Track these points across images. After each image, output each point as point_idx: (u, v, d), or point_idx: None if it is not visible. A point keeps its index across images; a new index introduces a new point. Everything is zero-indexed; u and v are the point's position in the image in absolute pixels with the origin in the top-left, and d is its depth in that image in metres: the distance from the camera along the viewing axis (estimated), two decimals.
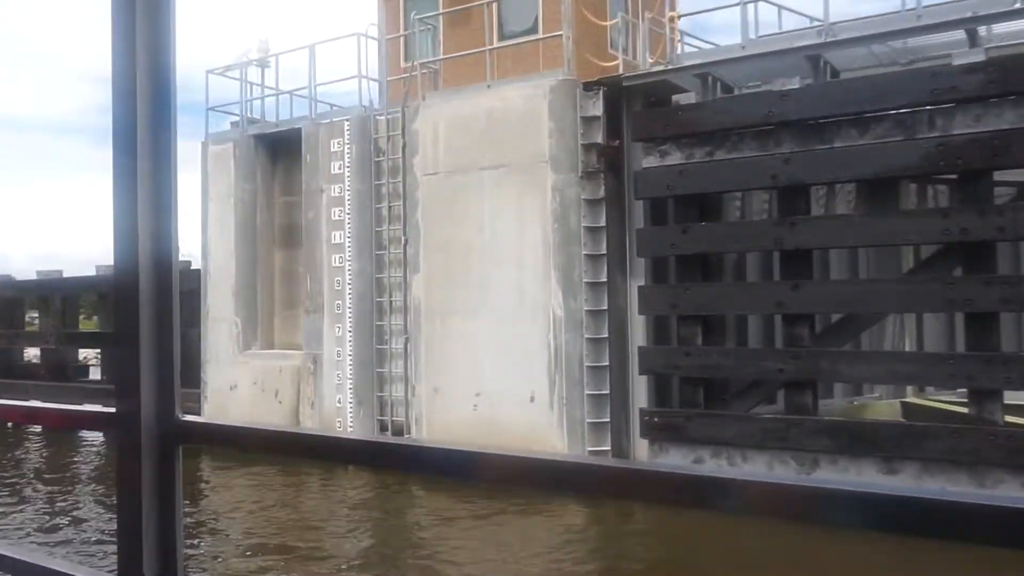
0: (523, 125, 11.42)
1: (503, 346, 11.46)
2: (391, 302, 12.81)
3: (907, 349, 13.60)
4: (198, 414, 15.27)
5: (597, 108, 11.19)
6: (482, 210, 11.71)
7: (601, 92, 11.16)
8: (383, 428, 12.88)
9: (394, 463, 1.39)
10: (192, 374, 16.05)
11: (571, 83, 11.28)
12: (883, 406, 12.62)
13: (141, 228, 1.41)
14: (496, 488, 9.55)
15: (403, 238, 12.63)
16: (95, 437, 16.49)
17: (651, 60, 11.61)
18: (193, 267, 15.88)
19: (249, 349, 14.48)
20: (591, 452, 10.93)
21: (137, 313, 1.41)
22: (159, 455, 1.42)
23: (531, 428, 11.17)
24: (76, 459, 15.14)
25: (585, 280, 11.10)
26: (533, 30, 13.55)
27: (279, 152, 14.94)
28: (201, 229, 15.12)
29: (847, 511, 0.86)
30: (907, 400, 12.65)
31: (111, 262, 1.47)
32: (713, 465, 9.96)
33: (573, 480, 1.07)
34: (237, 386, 14.43)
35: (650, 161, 10.57)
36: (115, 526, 1.46)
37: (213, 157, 14.92)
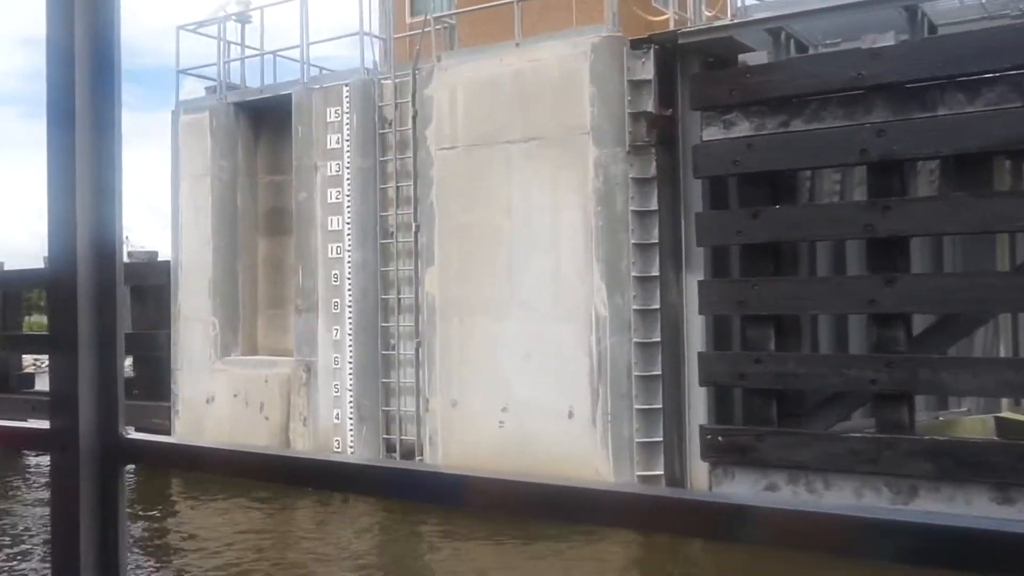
0: (559, 90, 11.13)
1: (536, 351, 11.18)
2: (399, 299, 12.51)
3: (1002, 355, 13.35)
4: (167, 432, 15.03)
5: (647, 70, 10.89)
6: (510, 190, 11.42)
7: (652, 51, 10.86)
8: (390, 449, 12.61)
9: (371, 487, 1.41)
10: (160, 384, 15.79)
11: (617, 40, 10.98)
12: (974, 422, 12.35)
13: (80, 215, 1.39)
14: (490, 515, 9.25)
15: (414, 224, 12.34)
16: (44, 458, 16.22)
17: (709, 15, 11.31)
18: (161, 258, 15.59)
19: (229, 355, 14.18)
20: (641, 477, 10.66)
21: (75, 314, 1.39)
22: (99, 477, 1.42)
23: (569, 449, 10.89)
24: (16, 483, 14.83)
25: (633, 274, 10.81)
26: None
27: (264, 123, 14.64)
28: (171, 213, 14.82)
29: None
30: (1003, 416, 12.38)
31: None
32: (789, 493, 9.68)
33: (580, 508, 1.06)
34: (215, 399, 14.13)
35: (712, 133, 10.27)
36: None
37: (185, 128, 14.61)
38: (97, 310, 1.42)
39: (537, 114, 11.26)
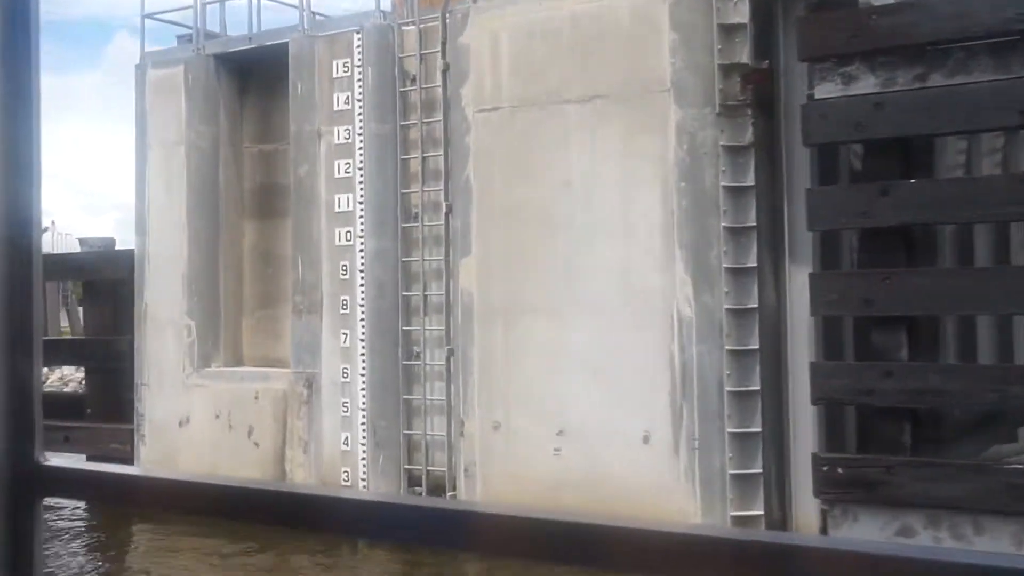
0: (631, 38, 10.83)
1: (601, 362, 10.87)
2: (426, 297, 12.19)
3: None
4: (127, 460, 14.71)
5: (741, 13, 10.56)
6: (568, 162, 11.11)
7: None
8: (413, 483, 12.30)
9: (351, 525, 1.41)
10: (120, 403, 15.47)
11: None
12: None
13: None
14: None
15: (445, 204, 12.01)
16: None
17: None
18: (122, 247, 15.27)
19: (208, 366, 13.86)
20: (735, 518, 10.33)
21: None
22: (10, 510, 1.43)
23: (645, 482, 10.58)
24: None
25: (725, 265, 10.48)
26: None
27: (251, 80, 14.33)
28: (136, 192, 14.51)
29: None
30: None
31: None
32: (928, 538, 9.35)
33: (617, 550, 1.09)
34: (190, 420, 13.81)
35: (826, 89, 9.94)
36: None
37: (154, 87, 14.28)
38: (8, 309, 1.42)
39: (602, 67, 10.95)
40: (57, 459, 1.47)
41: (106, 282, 15.62)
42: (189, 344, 13.87)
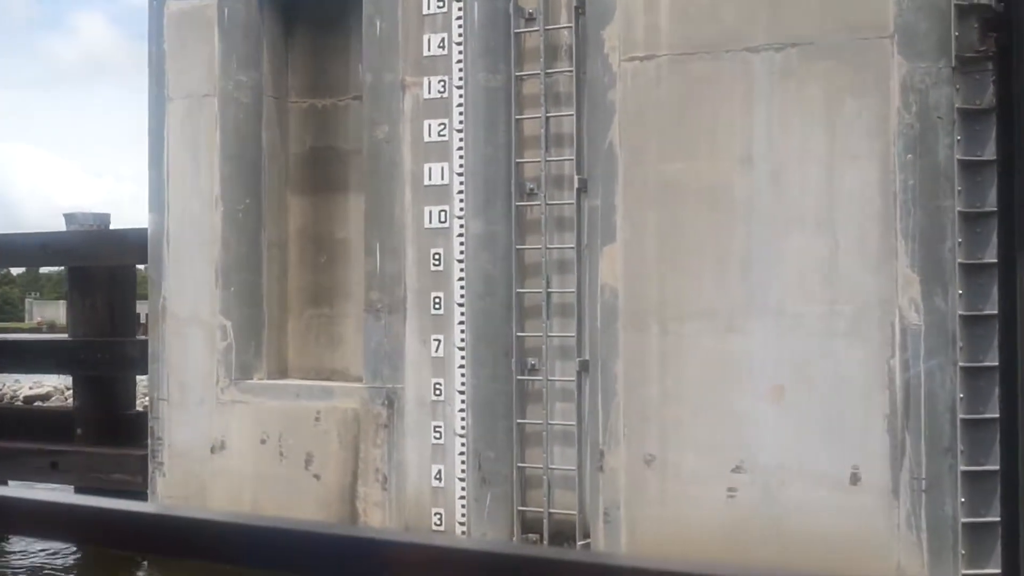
0: None
1: (794, 381, 10.16)
2: (548, 295, 11.35)
3: None
4: (137, 494, 13.74)
5: None
6: (750, 128, 10.32)
7: None
8: (529, 529, 11.49)
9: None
10: (123, 421, 14.51)
11: None
12: None
13: None
14: None
15: (576, 178, 11.15)
16: None
17: None
18: (131, 226, 14.24)
19: (249, 377, 12.88)
20: None
21: None
22: None
23: (852, 533, 9.92)
24: None
25: (960, 260, 9.74)
26: None
27: (299, 16, 13.33)
28: (149, 157, 13.47)
29: None
30: None
31: None
32: None
33: None
34: (225, 446, 12.84)
35: None
36: None
37: (176, 24, 13.25)
38: None
39: (801, 4, 10.13)
40: None
41: (101, 270, 14.54)
42: (224, 350, 12.87)
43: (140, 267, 15.78)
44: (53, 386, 32.81)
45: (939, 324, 9.78)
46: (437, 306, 11.79)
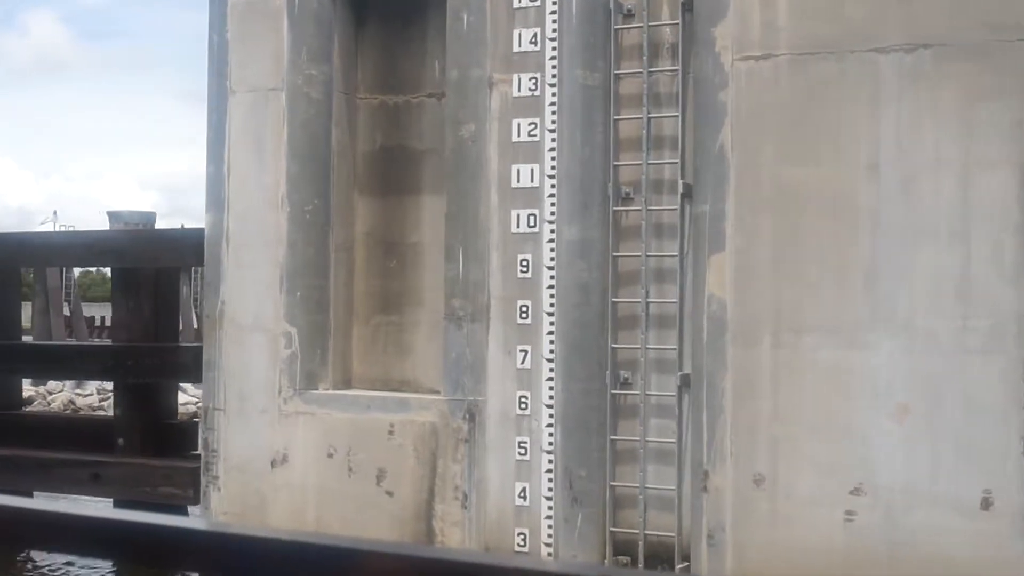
0: None
1: (918, 397, 9.63)
2: (647, 305, 10.72)
3: None
4: (182, 510, 12.98)
5: None
6: (876, 134, 9.79)
7: None
8: (621, 551, 10.85)
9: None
10: (166, 432, 13.77)
11: None
12: None
13: None
14: None
15: (681, 182, 10.56)
16: None
17: None
18: (186, 225, 13.48)
19: (315, 387, 12.18)
20: None
21: None
22: None
23: (983, 561, 9.41)
24: None
25: None
26: None
27: (369, 7, 12.65)
28: (207, 152, 12.74)
29: None
30: None
31: None
32: None
33: None
34: (287, 459, 12.11)
35: None
36: None
37: (240, 13, 12.54)
38: None
39: (933, 3, 9.61)
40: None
41: (149, 273, 13.75)
42: (288, 358, 12.15)
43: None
44: (35, 390, 31.74)
45: None
46: (524, 315, 11.15)
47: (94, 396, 27.81)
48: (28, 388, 24.78)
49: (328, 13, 12.34)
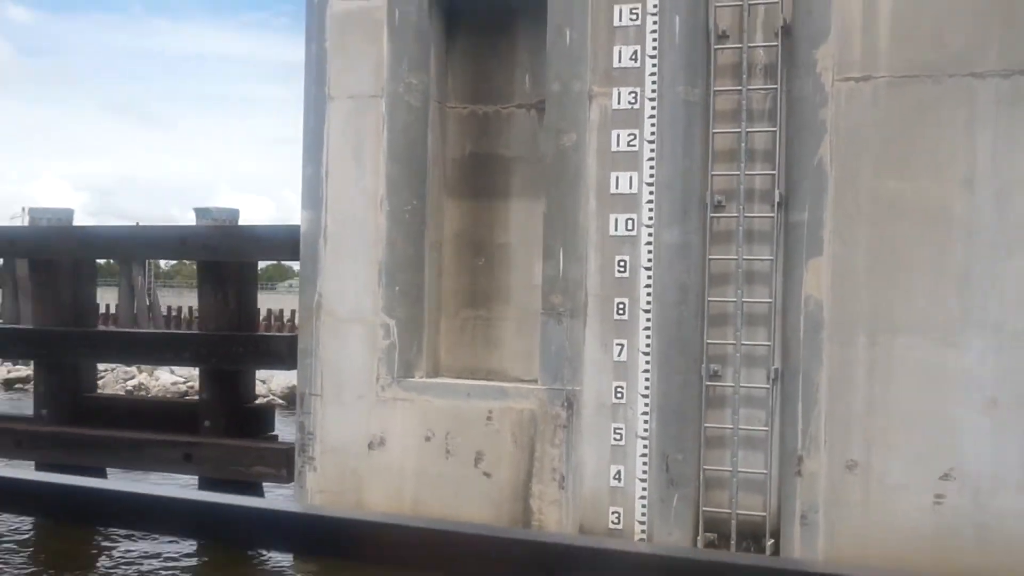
0: None
1: (1007, 393, 9.09)
2: (741, 304, 10.02)
3: None
4: (258, 490, 11.99)
5: None
6: (973, 153, 9.20)
7: None
8: (712, 528, 10.13)
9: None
10: (249, 415, 12.76)
11: None
12: None
13: None
14: None
15: (777, 192, 9.88)
16: None
17: None
18: (281, 222, 12.40)
19: (411, 375, 11.23)
20: None
21: None
22: None
23: None
24: None
25: None
26: None
27: (461, 21, 11.74)
28: (303, 154, 11.68)
29: None
30: None
31: None
32: None
33: None
34: (385, 442, 11.17)
35: None
36: None
37: (340, 23, 11.49)
38: None
39: None
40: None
41: (232, 265, 12.62)
42: (387, 348, 11.18)
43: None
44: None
45: None
46: (621, 312, 10.37)
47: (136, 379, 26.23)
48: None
49: (427, 25, 11.36)
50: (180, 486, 12.93)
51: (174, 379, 25.86)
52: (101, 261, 23.67)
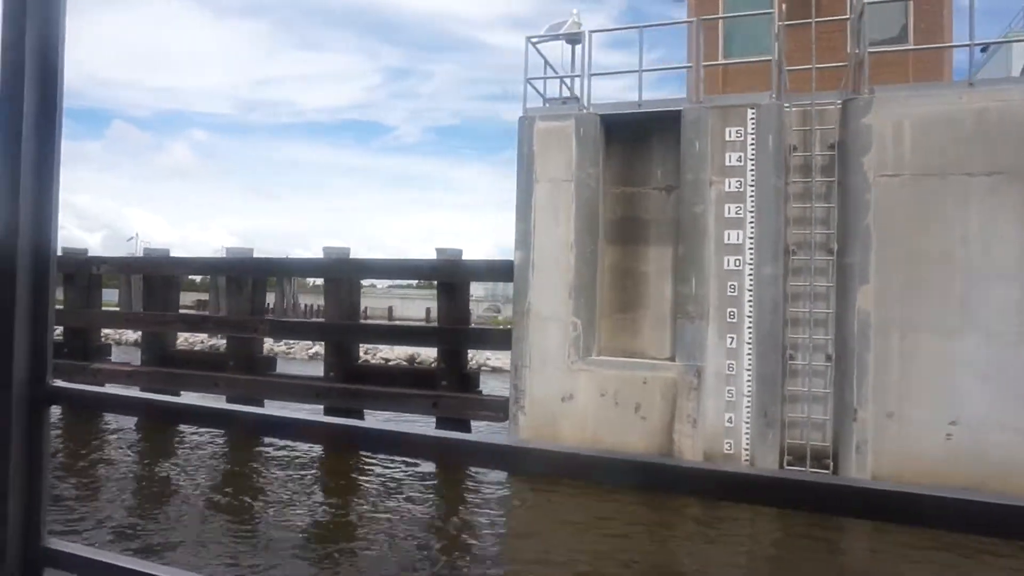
0: None
1: (993, 369, 9.35)
2: (811, 313, 10.29)
3: None
4: (465, 426, 12.01)
5: None
6: (967, 219, 9.52)
7: None
8: (791, 452, 10.33)
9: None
10: (466, 378, 12.77)
11: None
12: None
13: (23, 209, 1.29)
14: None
15: (835, 244, 10.16)
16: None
17: None
18: (497, 257, 12.55)
19: (590, 355, 11.39)
20: None
21: (13, 288, 1.30)
22: (26, 418, 1.31)
23: None
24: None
25: None
26: (900, 39, 11.68)
27: (617, 136, 11.99)
28: (517, 213, 11.87)
29: None
30: None
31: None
32: None
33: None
34: (573, 397, 11.30)
35: None
36: None
37: (543, 135, 11.73)
38: (31, 285, 1.31)
39: (1005, 149, 9.42)
40: (60, 382, 1.31)
41: (450, 284, 12.78)
42: (575, 338, 11.38)
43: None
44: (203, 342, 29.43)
45: None
46: (732, 317, 10.62)
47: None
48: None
49: (597, 137, 11.68)
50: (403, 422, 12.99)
51: (388, 356, 25.68)
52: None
